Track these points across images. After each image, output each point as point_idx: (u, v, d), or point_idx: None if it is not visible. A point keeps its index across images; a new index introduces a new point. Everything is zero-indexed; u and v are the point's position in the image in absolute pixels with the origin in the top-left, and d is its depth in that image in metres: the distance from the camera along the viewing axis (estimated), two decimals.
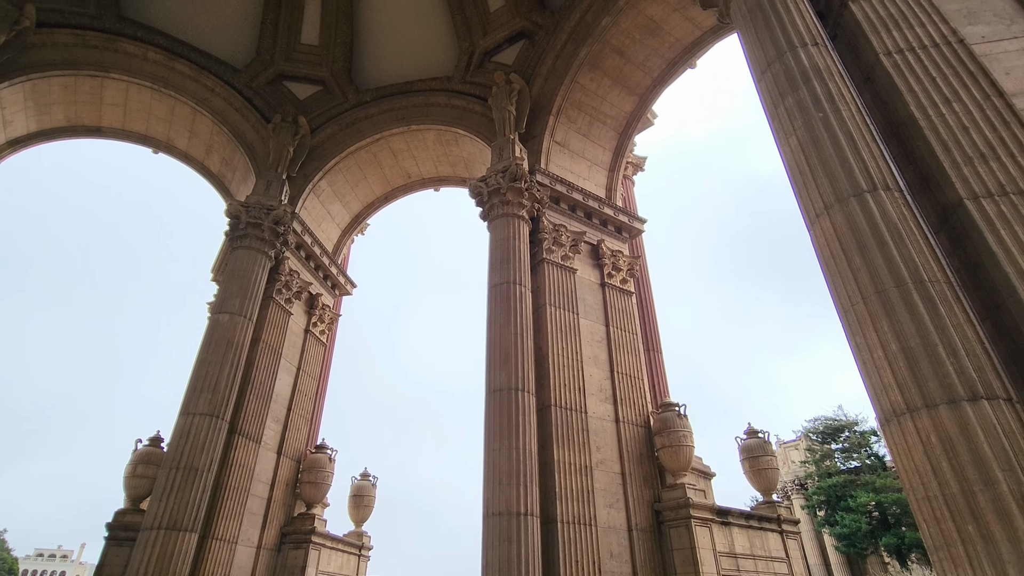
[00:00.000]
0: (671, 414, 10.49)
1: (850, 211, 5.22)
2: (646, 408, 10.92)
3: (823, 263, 5.51)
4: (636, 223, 13.30)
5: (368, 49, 14.89)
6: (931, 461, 4.14)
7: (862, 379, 4.97)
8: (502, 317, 10.03)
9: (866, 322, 4.77)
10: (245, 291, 12.10)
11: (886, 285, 4.71)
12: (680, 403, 10.70)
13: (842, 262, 5.12)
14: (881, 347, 4.62)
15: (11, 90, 12.09)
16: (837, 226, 5.27)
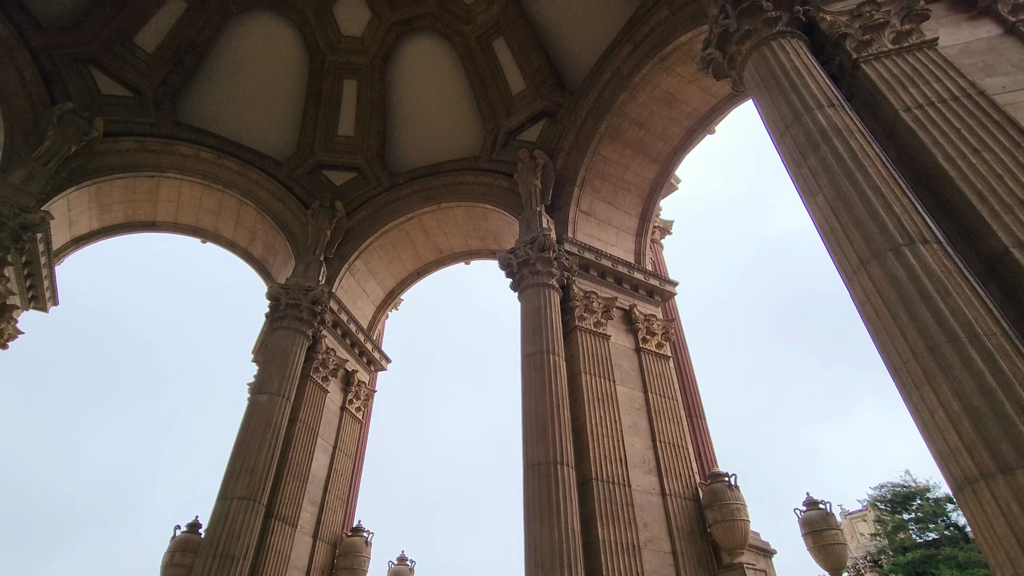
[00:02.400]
0: (721, 485, 9.89)
1: (888, 266, 5.08)
2: (693, 479, 10.34)
3: (866, 320, 5.32)
4: (668, 286, 13.21)
5: (399, 135, 15.87)
6: (1015, 533, 3.75)
7: (926, 442, 4.64)
8: (536, 387, 9.88)
9: (921, 381, 4.51)
10: (283, 371, 12.33)
11: (937, 341, 4.48)
12: (729, 473, 10.11)
13: (886, 318, 4.93)
14: (941, 407, 4.34)
15: (78, 193, 13.21)
16: (876, 281, 5.12)
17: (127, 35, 13.44)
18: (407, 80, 15.48)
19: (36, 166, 11.94)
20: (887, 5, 7.07)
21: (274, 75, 15.08)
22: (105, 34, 13.13)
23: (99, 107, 13.41)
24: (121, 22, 13.24)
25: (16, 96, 12.31)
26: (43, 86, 12.69)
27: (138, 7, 13.31)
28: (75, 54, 12.99)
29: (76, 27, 12.91)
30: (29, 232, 11.50)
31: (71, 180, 12.83)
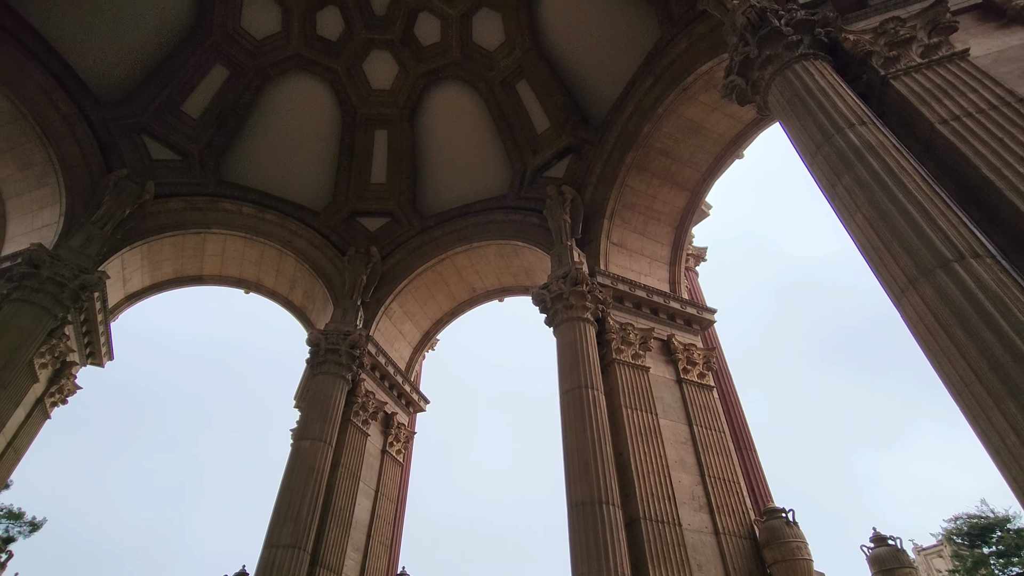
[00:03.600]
0: (778, 522, 9.37)
1: (939, 283, 4.87)
2: (748, 516, 9.84)
3: (920, 340, 5.07)
4: (706, 314, 12.93)
5: (430, 179, 16.32)
6: None
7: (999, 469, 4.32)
8: (576, 424, 9.69)
9: (988, 404, 4.24)
10: (325, 415, 12.48)
11: (1002, 360, 4.22)
12: (786, 508, 9.58)
13: (942, 338, 4.69)
14: (1013, 432, 4.05)
15: (131, 253, 13.97)
16: (927, 300, 4.90)
17: (175, 104, 14.41)
18: (435, 126, 16.02)
19: (94, 229, 12.72)
20: (912, 20, 6.99)
21: (310, 131, 15.85)
22: (155, 104, 14.11)
23: (150, 171, 14.29)
24: (170, 92, 14.23)
25: (77, 167, 13.25)
26: (100, 156, 13.63)
27: (185, 77, 14.30)
28: (129, 124, 13.97)
29: (130, 100, 13.93)
30: (87, 292, 12.16)
31: (125, 241, 13.59)
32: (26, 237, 12.83)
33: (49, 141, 12.88)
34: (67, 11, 12.81)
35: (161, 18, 13.76)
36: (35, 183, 13.27)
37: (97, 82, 13.63)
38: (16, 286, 11.26)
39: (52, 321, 11.53)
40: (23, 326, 10.89)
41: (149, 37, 13.83)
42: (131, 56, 13.83)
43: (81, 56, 13.28)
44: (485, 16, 14.50)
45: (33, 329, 11.03)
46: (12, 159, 13.15)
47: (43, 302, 11.32)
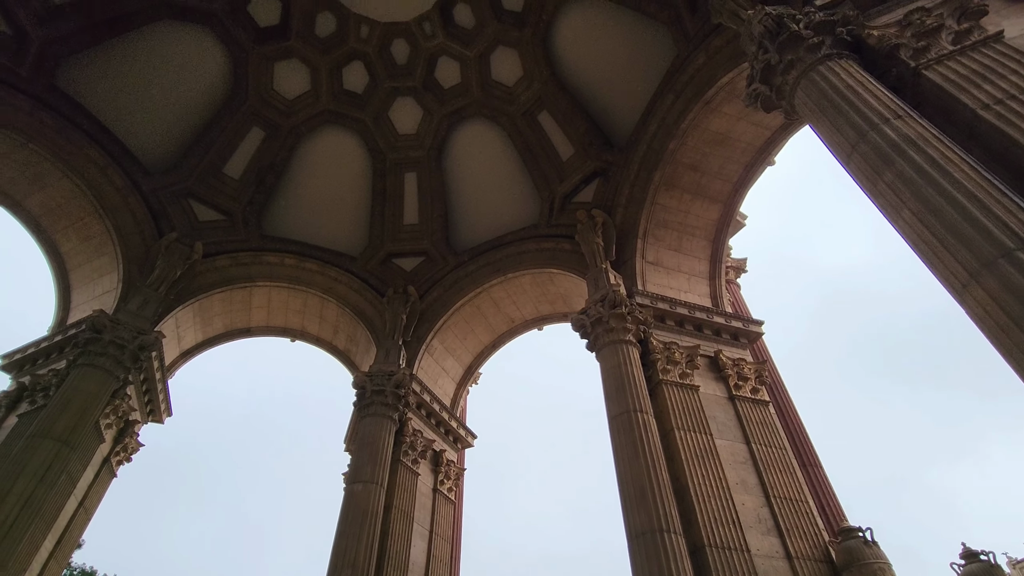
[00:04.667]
0: (856, 542, 8.78)
1: (1003, 274, 4.59)
2: (821, 537, 9.26)
3: (991, 337, 4.76)
4: (752, 326, 12.53)
5: (461, 215, 16.61)
6: None
7: None
8: (628, 450, 9.42)
9: None
10: (375, 457, 12.54)
11: None
12: (863, 527, 8.99)
13: (1015, 333, 4.39)
14: None
15: (184, 311, 14.63)
16: (993, 293, 4.62)
17: (217, 167, 15.23)
18: (462, 163, 16.39)
19: (149, 292, 13.41)
20: (938, 9, 6.81)
21: (343, 180, 16.46)
22: (199, 170, 14.95)
23: (198, 233, 15.06)
24: (212, 157, 15.07)
25: (131, 235, 14.08)
26: (152, 222, 14.46)
27: (225, 142, 15.14)
28: (176, 191, 14.82)
29: (176, 168, 14.81)
30: (146, 352, 12.75)
31: (178, 300, 14.26)
32: (89, 304, 13.62)
33: (106, 213, 13.77)
34: (118, 94, 13.83)
35: (201, 92, 14.70)
36: (95, 253, 14.15)
37: (146, 154, 14.57)
38: (81, 351, 11.91)
39: (115, 382, 12.10)
40: (89, 389, 11.45)
41: (191, 110, 14.77)
42: (175, 128, 14.77)
43: (132, 132, 14.26)
44: (502, 54, 14.91)
45: (98, 392, 11.59)
46: (74, 233, 14.10)
47: (106, 365, 11.91)
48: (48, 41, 12.41)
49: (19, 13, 11.88)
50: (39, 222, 14.05)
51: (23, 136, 12.55)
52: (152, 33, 13.59)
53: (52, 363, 12.59)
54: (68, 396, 11.13)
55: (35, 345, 13.17)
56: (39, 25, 12.18)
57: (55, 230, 14.15)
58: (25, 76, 12.41)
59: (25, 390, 12.24)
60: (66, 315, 14.11)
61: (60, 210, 13.88)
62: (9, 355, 13.26)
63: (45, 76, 12.71)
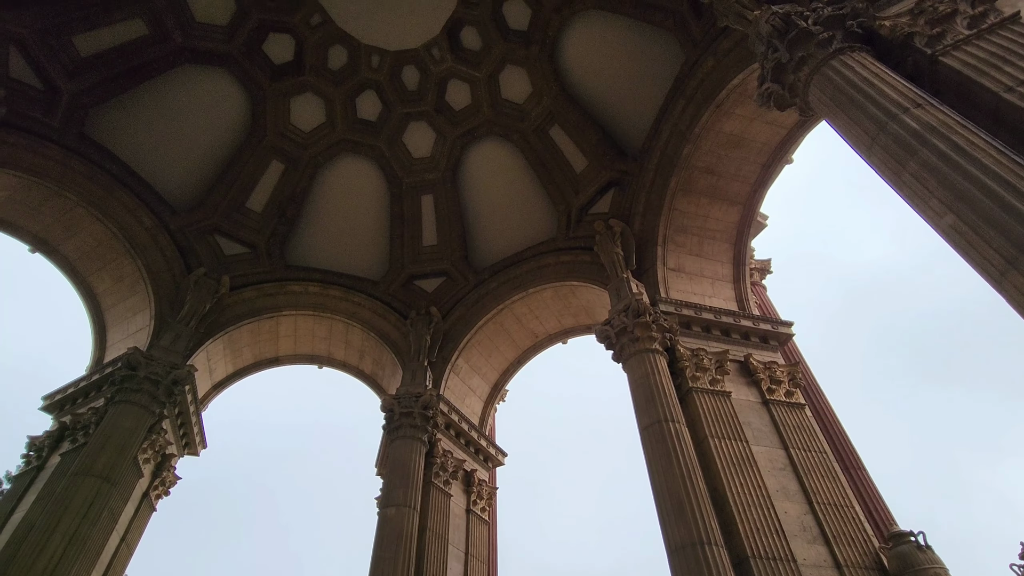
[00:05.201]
0: (908, 547, 8.42)
1: None
2: (871, 544, 8.90)
3: None
4: (782, 328, 12.26)
5: (479, 234, 16.72)
6: None
7: None
8: (662, 461, 9.23)
9: None
10: (406, 480, 12.52)
11: None
12: (914, 530, 8.62)
13: None
14: None
15: (214, 344, 14.93)
16: None
17: (240, 202, 15.64)
18: (477, 182, 16.54)
19: (180, 327, 13.74)
20: None
21: (361, 206, 16.73)
22: (223, 206, 15.37)
23: (224, 266, 15.43)
24: (235, 193, 15.49)
25: (161, 273, 14.50)
26: (180, 259, 14.87)
27: (247, 177, 15.55)
28: (202, 227, 15.23)
29: (201, 205, 15.24)
30: (179, 386, 13.02)
31: (208, 334, 14.57)
32: (123, 343, 14.00)
33: (137, 253, 14.21)
34: (144, 138, 14.36)
35: (222, 130, 15.18)
36: (128, 292, 14.58)
37: (172, 194, 15.04)
38: (118, 389, 12.21)
39: (151, 417, 12.36)
40: (127, 426, 11.72)
41: (213, 148, 15.25)
42: (199, 166, 15.25)
43: (158, 173, 14.76)
44: (510, 73, 15.10)
45: (135, 427, 11.85)
46: (107, 274, 14.57)
47: (142, 401, 12.19)
48: (77, 93, 12.99)
49: (50, 68, 12.48)
50: (74, 266, 14.56)
51: (57, 185, 13.09)
52: (173, 78, 14.13)
53: (91, 402, 12.94)
54: (107, 433, 11.41)
55: (74, 385, 13.56)
56: (68, 78, 12.77)
57: (89, 272, 14.64)
58: (57, 127, 12.97)
59: (66, 429, 12.58)
60: (102, 354, 14.52)
61: (94, 253, 14.37)
62: (50, 396, 13.67)
63: (75, 126, 13.28)
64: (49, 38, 12.24)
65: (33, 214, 13.58)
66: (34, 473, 12.03)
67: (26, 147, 12.54)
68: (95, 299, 14.87)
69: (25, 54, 12.12)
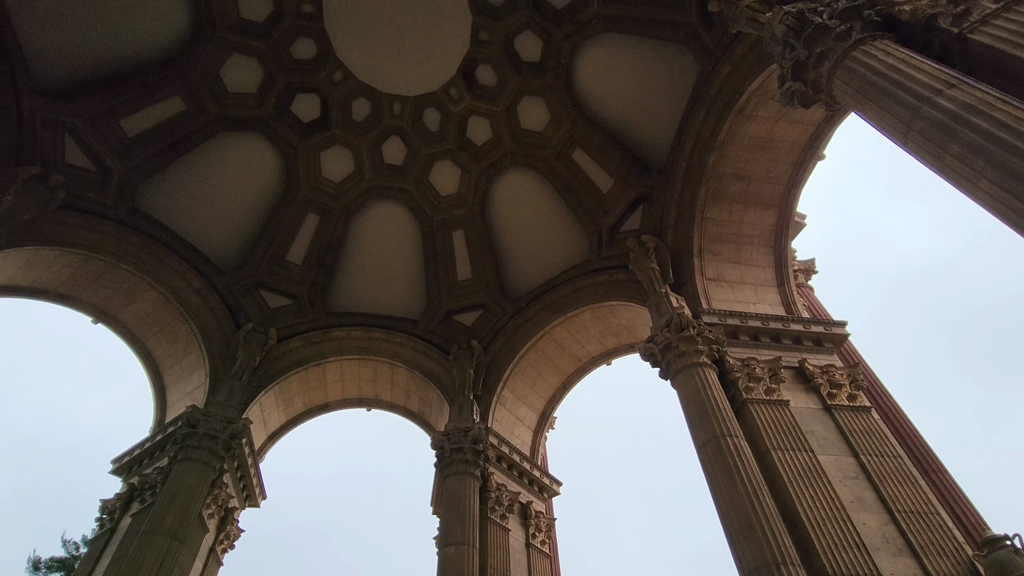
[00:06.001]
0: (1005, 552, 7.75)
1: None
2: (963, 552, 8.24)
3: None
4: (835, 329, 11.76)
5: (512, 263, 16.82)
6: None
7: None
8: (724, 479, 8.86)
9: None
10: (463, 517, 12.39)
11: None
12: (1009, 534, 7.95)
13: None
14: None
15: (267, 396, 15.35)
16: None
17: (280, 256, 16.25)
18: (506, 213, 16.74)
19: (234, 382, 14.20)
20: None
21: (395, 248, 17.13)
22: (265, 261, 16.00)
23: (271, 319, 15.96)
24: (275, 248, 16.12)
25: (213, 331, 15.10)
26: (230, 316, 15.48)
27: (286, 232, 16.18)
28: (247, 284, 15.86)
29: (245, 263, 15.90)
30: (236, 440, 13.38)
31: (260, 386, 15.00)
32: (182, 402, 14.55)
33: (189, 315, 14.87)
34: (189, 204, 15.17)
35: (260, 189, 15.92)
36: (183, 353, 15.22)
37: (218, 254, 15.76)
38: (180, 447, 12.64)
39: (212, 472, 12.71)
40: (190, 482, 12.07)
41: (252, 207, 15.98)
42: (240, 227, 15.98)
43: (203, 237, 15.53)
44: (528, 103, 15.38)
45: (198, 484, 12.19)
46: (163, 337, 15.27)
47: (203, 457, 12.57)
48: (127, 171, 13.90)
49: (101, 151, 13.42)
50: (133, 332, 15.33)
51: (113, 257, 13.91)
52: (211, 146, 14.97)
53: (156, 462, 13.41)
54: (172, 491, 11.77)
55: (139, 447, 14.12)
56: (118, 159, 13.69)
57: (147, 337, 15.38)
58: (110, 204, 13.86)
59: (135, 491, 13.05)
60: (164, 415, 15.11)
61: (150, 318, 15.12)
62: (118, 459, 14.26)
63: (127, 201, 14.16)
64: (99, 124, 13.20)
65: (94, 287, 14.42)
66: (108, 535, 12.48)
67: (84, 226, 13.42)
68: (154, 362, 15.57)
69: (78, 140, 13.08)
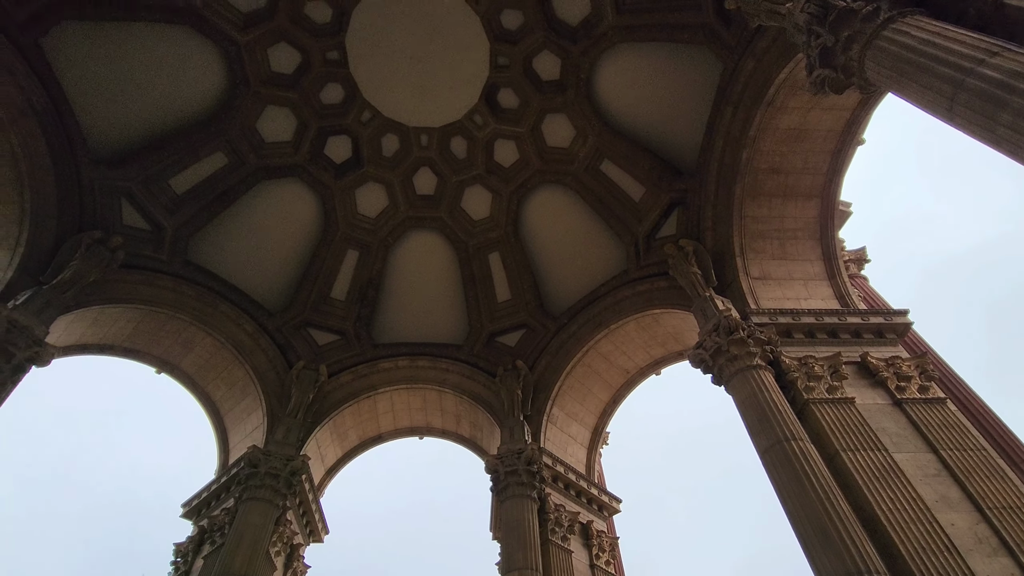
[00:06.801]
0: None
1: None
2: None
3: None
4: (896, 318, 11.18)
5: (550, 281, 16.80)
6: None
7: None
8: (793, 486, 8.46)
9: None
10: (524, 542, 12.22)
11: None
12: None
13: None
14: None
15: (322, 431, 15.68)
16: None
17: (325, 294, 16.73)
18: (539, 231, 16.79)
19: (290, 420, 14.59)
20: None
21: (434, 275, 17.39)
22: (311, 300, 16.50)
23: (320, 356, 16.38)
24: (319, 286, 16.62)
25: (267, 372, 15.61)
26: (281, 356, 15.98)
27: (328, 270, 16.67)
28: (296, 323, 16.37)
29: (292, 303, 16.43)
30: (296, 476, 13.69)
31: (315, 422, 15.36)
32: (244, 443, 15.02)
33: (244, 358, 15.43)
34: (237, 253, 15.85)
35: (301, 232, 16.52)
36: (241, 395, 15.77)
37: (266, 298, 16.36)
38: (244, 487, 13.02)
39: (276, 510, 13.01)
40: (256, 522, 12.38)
41: (296, 249, 16.56)
42: (285, 269, 16.57)
43: (252, 282, 16.16)
44: (552, 121, 15.49)
45: (264, 522, 12.50)
46: (221, 382, 15.87)
47: (266, 496, 12.89)
48: (178, 227, 14.68)
49: (154, 210, 14.24)
50: (194, 379, 16.01)
51: (172, 309, 14.62)
52: (253, 195, 15.67)
53: (223, 503, 13.84)
54: (240, 531, 12.09)
55: (207, 490, 14.61)
56: (170, 215, 14.49)
57: (207, 382, 16.02)
58: (166, 259, 14.63)
59: (205, 533, 13.47)
60: (227, 456, 15.62)
61: (208, 364, 15.76)
62: (188, 503, 14.79)
63: (180, 255, 14.92)
64: (151, 185, 14.05)
65: (155, 339, 15.18)
66: None
67: (143, 281, 14.19)
68: (214, 406, 16.18)
69: (133, 203, 13.94)
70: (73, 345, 13.97)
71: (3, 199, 12.03)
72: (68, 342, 13.61)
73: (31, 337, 10.72)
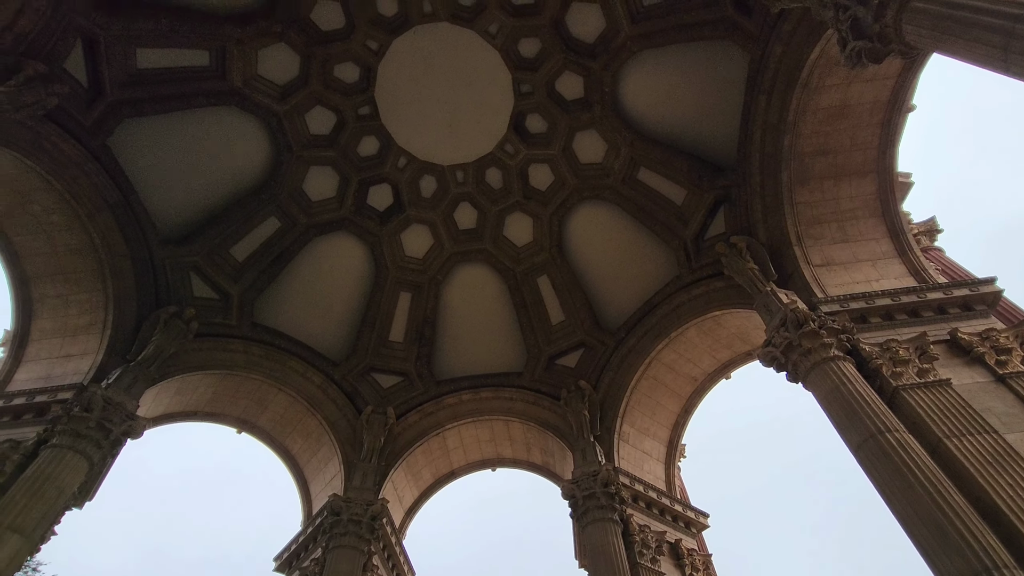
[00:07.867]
0: None
1: None
2: None
3: None
4: (984, 288, 10.34)
5: (602, 296, 16.60)
6: None
7: None
8: (895, 482, 7.83)
9: None
10: (612, 567, 11.84)
11: None
12: None
13: None
14: None
15: (397, 473, 15.90)
16: None
17: (384, 338, 17.15)
18: (585, 248, 16.71)
19: (365, 465, 14.88)
20: None
21: (486, 306, 17.54)
22: (372, 346, 16.94)
23: (386, 399, 16.72)
24: (378, 332, 17.05)
25: (338, 421, 16.05)
26: (350, 404, 16.41)
27: (384, 315, 17.08)
28: (359, 370, 16.82)
29: (354, 351, 16.92)
30: (377, 520, 13.88)
31: (389, 465, 15.60)
32: (324, 492, 15.40)
33: (315, 409, 15.96)
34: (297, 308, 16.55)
35: (355, 282, 17.11)
36: (316, 445, 16.25)
37: (330, 349, 16.92)
38: (329, 536, 13.30)
39: (362, 556, 13.20)
40: (345, 569, 12.60)
41: (352, 299, 17.14)
42: (344, 319, 17.13)
43: (315, 335, 16.79)
44: (582, 138, 15.54)
45: (351, 569, 12.69)
46: (297, 434, 16.43)
47: (351, 543, 13.11)
48: (243, 292, 15.48)
49: (220, 280, 15.14)
50: (271, 434, 16.65)
51: (245, 370, 15.35)
52: (307, 252, 16.40)
53: (311, 553, 14.16)
54: None
55: (295, 541, 15.01)
56: (234, 283, 15.33)
57: (284, 436, 16.63)
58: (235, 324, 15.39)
59: None
60: (310, 507, 16.05)
61: (283, 419, 16.38)
62: (279, 556, 15.22)
63: (247, 318, 15.70)
64: (215, 257, 14.98)
65: (232, 400, 15.95)
66: None
67: (217, 348, 15.01)
68: (293, 459, 16.74)
69: (201, 275, 14.88)
70: (161, 415, 14.87)
71: (88, 288, 13.13)
72: (156, 412, 14.50)
73: (124, 412, 11.49)
